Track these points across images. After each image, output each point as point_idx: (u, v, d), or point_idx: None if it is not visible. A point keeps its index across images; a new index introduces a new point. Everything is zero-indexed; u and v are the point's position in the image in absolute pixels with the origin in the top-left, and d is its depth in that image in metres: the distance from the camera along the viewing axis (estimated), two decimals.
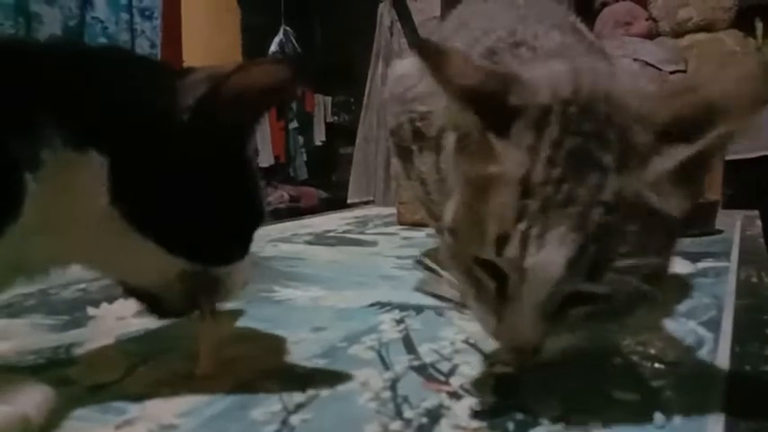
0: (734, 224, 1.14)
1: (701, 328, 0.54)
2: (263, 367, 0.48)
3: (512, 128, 0.38)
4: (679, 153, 0.36)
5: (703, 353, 0.49)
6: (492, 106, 0.38)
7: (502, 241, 0.36)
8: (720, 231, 1.08)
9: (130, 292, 0.48)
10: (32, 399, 0.37)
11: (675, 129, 0.36)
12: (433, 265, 0.69)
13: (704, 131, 0.35)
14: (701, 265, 0.81)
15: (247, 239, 0.47)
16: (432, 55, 0.39)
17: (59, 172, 0.38)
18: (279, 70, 0.43)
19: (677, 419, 0.37)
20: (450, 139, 0.54)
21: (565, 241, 0.34)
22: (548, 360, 0.38)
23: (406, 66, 0.69)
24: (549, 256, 0.34)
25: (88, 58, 0.44)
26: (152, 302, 0.47)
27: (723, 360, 0.47)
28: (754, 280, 0.72)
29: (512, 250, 0.35)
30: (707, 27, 2.40)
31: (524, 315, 0.36)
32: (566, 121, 0.37)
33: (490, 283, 0.38)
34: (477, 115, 0.38)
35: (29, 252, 0.39)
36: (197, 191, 0.42)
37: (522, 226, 0.35)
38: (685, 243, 0.97)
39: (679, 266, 0.80)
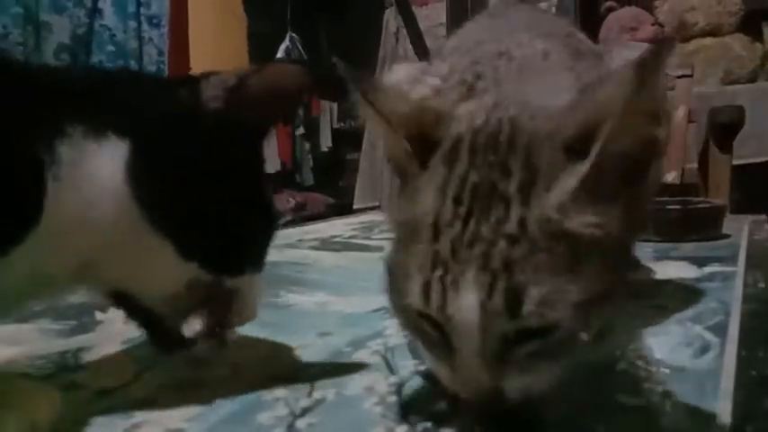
0: (741, 229, 1.13)
1: (708, 332, 0.54)
2: (270, 372, 0.48)
3: (429, 164, 0.37)
4: (580, 169, 0.34)
5: (709, 357, 0.48)
6: (419, 140, 0.38)
7: (426, 290, 0.34)
8: (727, 236, 1.08)
9: (131, 312, 0.46)
10: (40, 404, 0.37)
11: (575, 145, 0.34)
12: None
13: (593, 142, 0.33)
14: (708, 269, 0.81)
15: (263, 248, 0.47)
16: (369, 89, 0.39)
17: (78, 164, 0.37)
18: (299, 72, 0.45)
19: (683, 425, 0.37)
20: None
21: (475, 282, 0.33)
22: (521, 402, 0.35)
23: (399, 74, 0.68)
24: (464, 302, 0.33)
25: (109, 73, 0.45)
26: (153, 326, 0.46)
27: (730, 365, 0.47)
28: (762, 285, 0.72)
29: (434, 300, 0.34)
30: (713, 31, 2.40)
31: (469, 363, 0.34)
32: (472, 153, 0.36)
33: (435, 336, 0.36)
34: (407, 145, 0.38)
35: (45, 260, 0.38)
36: (217, 189, 0.42)
37: (437, 273, 0.34)
38: (692, 248, 0.97)
39: (685, 271, 0.80)
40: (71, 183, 0.37)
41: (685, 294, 0.68)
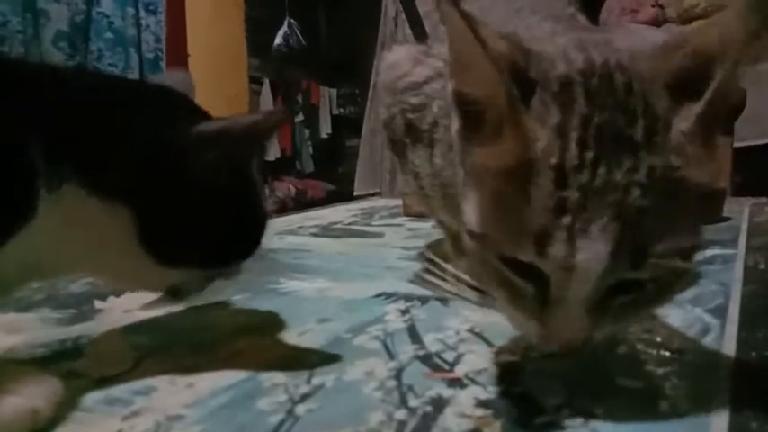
0: (742, 211, 1.13)
1: (708, 314, 0.54)
2: (269, 358, 0.48)
3: (532, 104, 0.35)
4: (692, 110, 0.33)
5: (709, 340, 0.48)
6: (519, 78, 0.35)
7: (543, 240, 0.33)
8: (728, 219, 1.08)
9: None
10: (41, 391, 0.37)
11: (681, 85, 0.34)
12: (437, 259, 0.68)
13: (707, 81, 0.33)
14: (709, 252, 0.81)
15: (251, 249, 0.50)
16: (470, 17, 0.35)
17: (81, 203, 0.40)
18: (276, 115, 0.47)
19: (682, 406, 0.37)
20: (449, 132, 0.53)
21: (607, 232, 0.32)
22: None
23: (398, 54, 0.68)
24: (595, 251, 0.32)
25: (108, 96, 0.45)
26: None
27: (729, 347, 0.47)
28: (762, 267, 0.72)
29: (557, 249, 0.32)
30: (714, 14, 2.37)
31: (572, 314, 0.34)
32: (590, 94, 0.34)
33: (529, 288, 0.35)
34: (511, 83, 0.34)
35: (44, 261, 0.41)
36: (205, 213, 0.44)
37: (565, 221, 0.32)
38: None
39: None
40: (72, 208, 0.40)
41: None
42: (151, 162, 0.42)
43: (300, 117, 4.59)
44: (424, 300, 0.63)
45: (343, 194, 3.36)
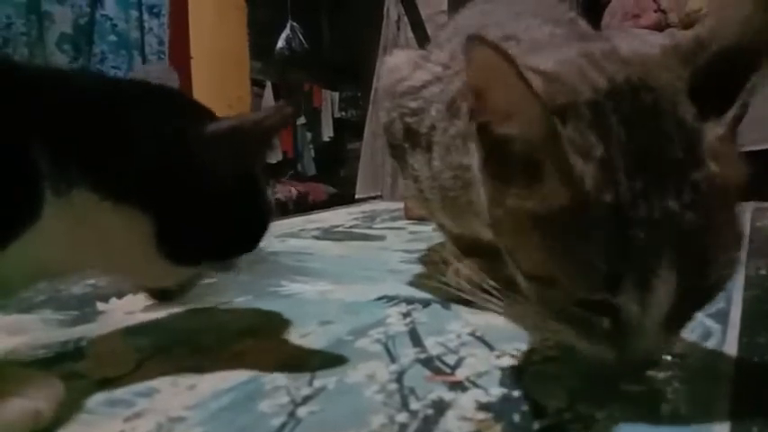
0: (744, 216, 1.13)
1: (709, 319, 0.54)
2: (271, 360, 0.48)
3: (567, 136, 0.33)
4: (727, 114, 0.33)
5: (711, 344, 0.48)
6: (552, 110, 0.34)
7: (614, 281, 0.32)
8: None
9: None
10: (43, 392, 0.37)
11: (706, 89, 0.33)
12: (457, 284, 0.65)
13: (744, 81, 0.33)
14: None
15: (255, 243, 0.50)
16: (507, 56, 0.33)
17: (94, 207, 0.40)
18: (281, 111, 0.46)
19: (684, 411, 0.37)
20: (447, 135, 0.53)
21: (674, 263, 0.32)
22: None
23: (398, 58, 0.68)
24: (667, 284, 0.32)
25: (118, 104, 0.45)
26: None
27: (731, 351, 0.47)
28: (763, 272, 0.72)
29: (630, 289, 0.32)
30: None
31: (649, 336, 0.34)
32: (623, 118, 0.33)
33: (602, 321, 0.35)
34: (555, 122, 0.33)
35: (53, 261, 0.41)
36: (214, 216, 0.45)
37: (634, 260, 0.32)
38: None
39: None
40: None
41: None
42: (164, 163, 0.42)
43: (302, 120, 4.59)
44: (425, 303, 0.63)
45: (344, 197, 3.36)
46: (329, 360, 0.47)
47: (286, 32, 4.28)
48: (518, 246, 0.38)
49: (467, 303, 0.60)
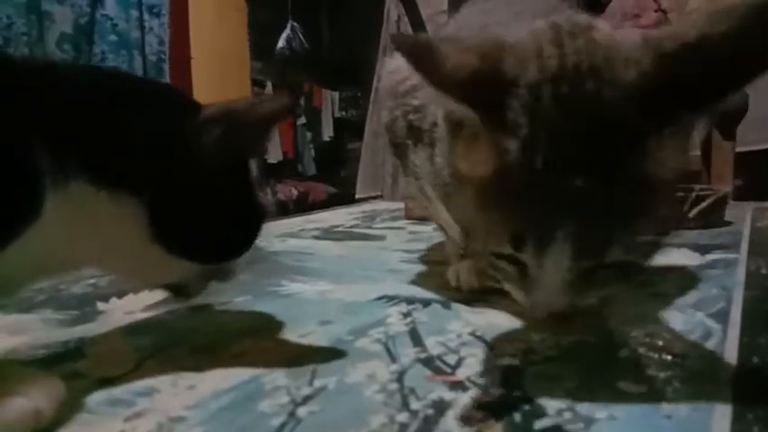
0: (744, 216, 1.13)
1: (710, 319, 0.54)
2: (271, 360, 0.48)
3: (507, 111, 0.36)
4: (681, 115, 0.35)
5: (711, 344, 0.48)
6: (488, 98, 0.37)
7: (518, 241, 0.38)
8: (730, 223, 1.08)
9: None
10: (43, 392, 0.37)
11: (664, 88, 0.35)
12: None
13: (721, 85, 0.34)
14: (711, 256, 0.81)
15: (249, 243, 0.50)
16: (416, 51, 0.39)
17: (90, 198, 0.40)
18: (280, 99, 0.47)
19: (684, 411, 0.37)
20: (441, 133, 0.55)
21: (571, 235, 0.36)
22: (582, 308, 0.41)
23: (399, 60, 0.68)
24: (561, 252, 0.36)
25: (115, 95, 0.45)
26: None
27: (731, 351, 0.47)
28: (764, 271, 0.72)
29: (530, 250, 0.37)
30: None
31: (550, 291, 0.39)
32: (559, 102, 0.36)
33: (512, 270, 0.41)
34: (474, 110, 0.38)
35: (53, 256, 0.41)
36: (214, 209, 0.45)
37: (535, 226, 0.37)
38: (694, 235, 0.97)
39: (688, 258, 0.80)
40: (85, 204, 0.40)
41: (687, 281, 0.68)
42: (160, 149, 0.42)
43: (303, 120, 4.59)
44: (425, 303, 0.63)
45: (344, 197, 3.36)
46: (329, 360, 0.47)
47: (286, 32, 4.28)
48: (456, 201, 0.45)
49: (467, 303, 0.60)
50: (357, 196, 3.07)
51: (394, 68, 0.68)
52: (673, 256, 0.81)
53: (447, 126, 0.44)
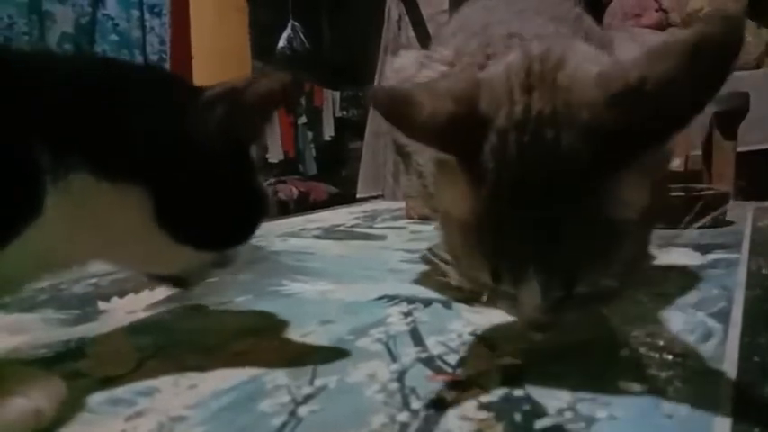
0: (745, 216, 1.13)
1: (711, 319, 0.54)
2: (272, 360, 0.48)
3: (481, 154, 0.38)
4: (640, 157, 0.36)
5: (712, 344, 0.48)
6: (464, 142, 0.39)
7: (495, 277, 0.40)
8: (731, 223, 1.08)
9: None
10: (44, 392, 0.37)
11: (628, 128, 0.35)
12: (436, 259, 0.69)
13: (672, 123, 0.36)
14: (712, 256, 0.81)
15: (255, 228, 0.50)
16: (392, 106, 0.40)
17: (92, 190, 0.40)
18: (279, 78, 0.46)
19: (685, 410, 0.37)
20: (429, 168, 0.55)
21: (540, 272, 0.38)
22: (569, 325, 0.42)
23: (405, 58, 0.69)
24: (532, 288, 0.38)
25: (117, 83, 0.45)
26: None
27: (732, 351, 0.47)
28: (765, 271, 0.72)
29: (505, 286, 0.40)
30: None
31: (529, 315, 0.40)
32: (522, 150, 0.37)
33: (498, 291, 0.42)
34: (452, 154, 0.40)
35: (56, 252, 0.41)
36: (217, 193, 0.45)
37: (509, 265, 0.39)
38: (696, 235, 0.97)
39: (689, 258, 0.80)
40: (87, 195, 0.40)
41: (688, 281, 0.68)
42: (161, 134, 0.42)
43: (303, 120, 4.59)
44: (426, 302, 0.63)
45: (345, 197, 3.35)
46: (330, 359, 0.47)
47: (287, 32, 4.28)
48: (441, 232, 0.47)
49: (468, 303, 0.60)
50: (358, 196, 3.07)
51: (399, 67, 0.68)
52: (673, 256, 0.81)
53: (432, 163, 0.46)
